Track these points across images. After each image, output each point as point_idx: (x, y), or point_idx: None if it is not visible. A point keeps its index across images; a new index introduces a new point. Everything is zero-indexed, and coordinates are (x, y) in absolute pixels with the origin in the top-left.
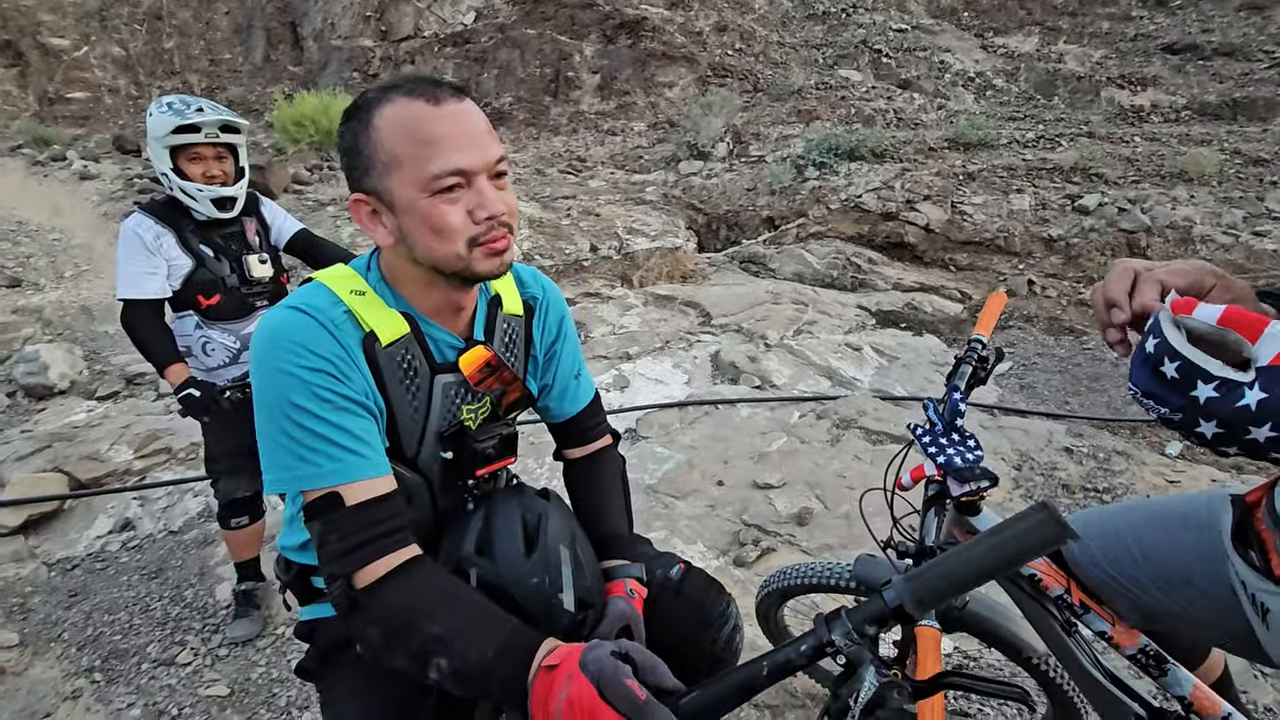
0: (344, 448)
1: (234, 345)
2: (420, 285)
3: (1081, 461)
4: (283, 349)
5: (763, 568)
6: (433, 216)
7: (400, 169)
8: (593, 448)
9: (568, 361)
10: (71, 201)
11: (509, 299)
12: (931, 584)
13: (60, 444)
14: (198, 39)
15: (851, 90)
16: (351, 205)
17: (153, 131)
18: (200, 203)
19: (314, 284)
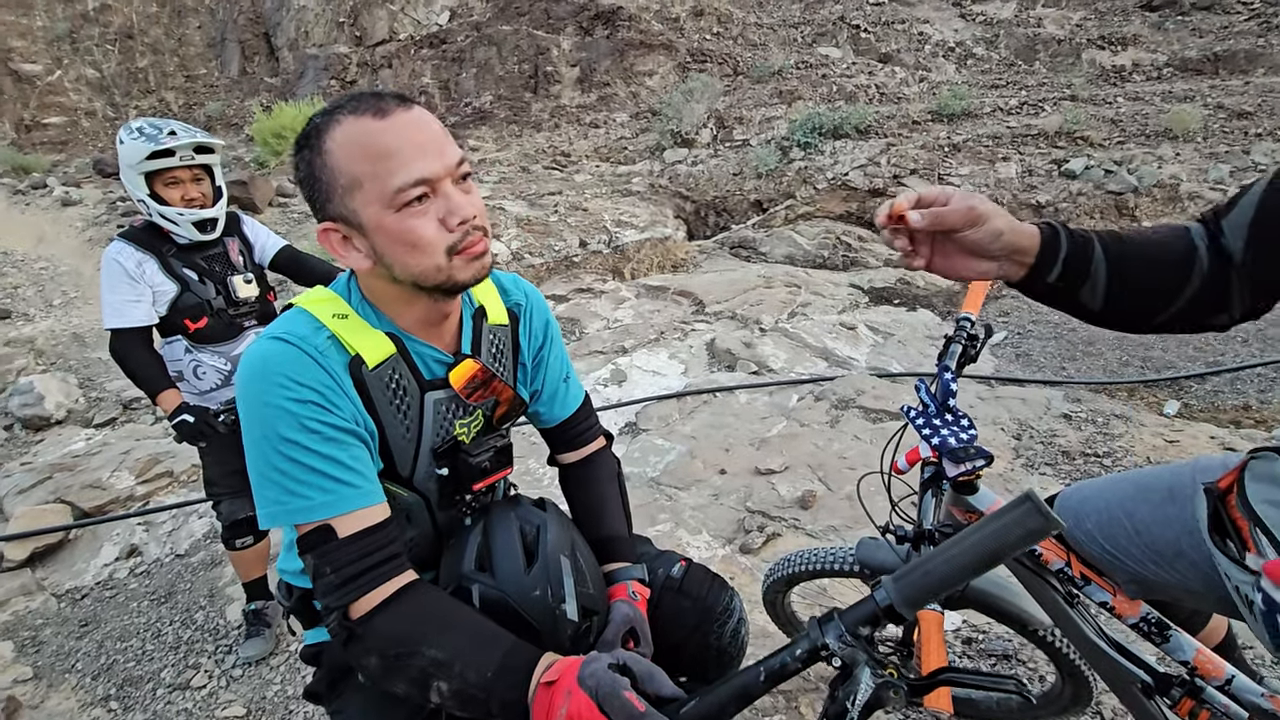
0: (335, 479)
1: (225, 367)
2: (402, 302)
3: (1080, 427)
4: (268, 382)
5: (769, 553)
6: (404, 232)
7: (361, 189)
8: (586, 451)
9: (555, 366)
10: (55, 229)
11: (493, 309)
12: (919, 583)
13: (61, 474)
14: (171, 56)
15: (832, 68)
16: (320, 235)
17: (126, 159)
18: (181, 226)
19: (295, 310)
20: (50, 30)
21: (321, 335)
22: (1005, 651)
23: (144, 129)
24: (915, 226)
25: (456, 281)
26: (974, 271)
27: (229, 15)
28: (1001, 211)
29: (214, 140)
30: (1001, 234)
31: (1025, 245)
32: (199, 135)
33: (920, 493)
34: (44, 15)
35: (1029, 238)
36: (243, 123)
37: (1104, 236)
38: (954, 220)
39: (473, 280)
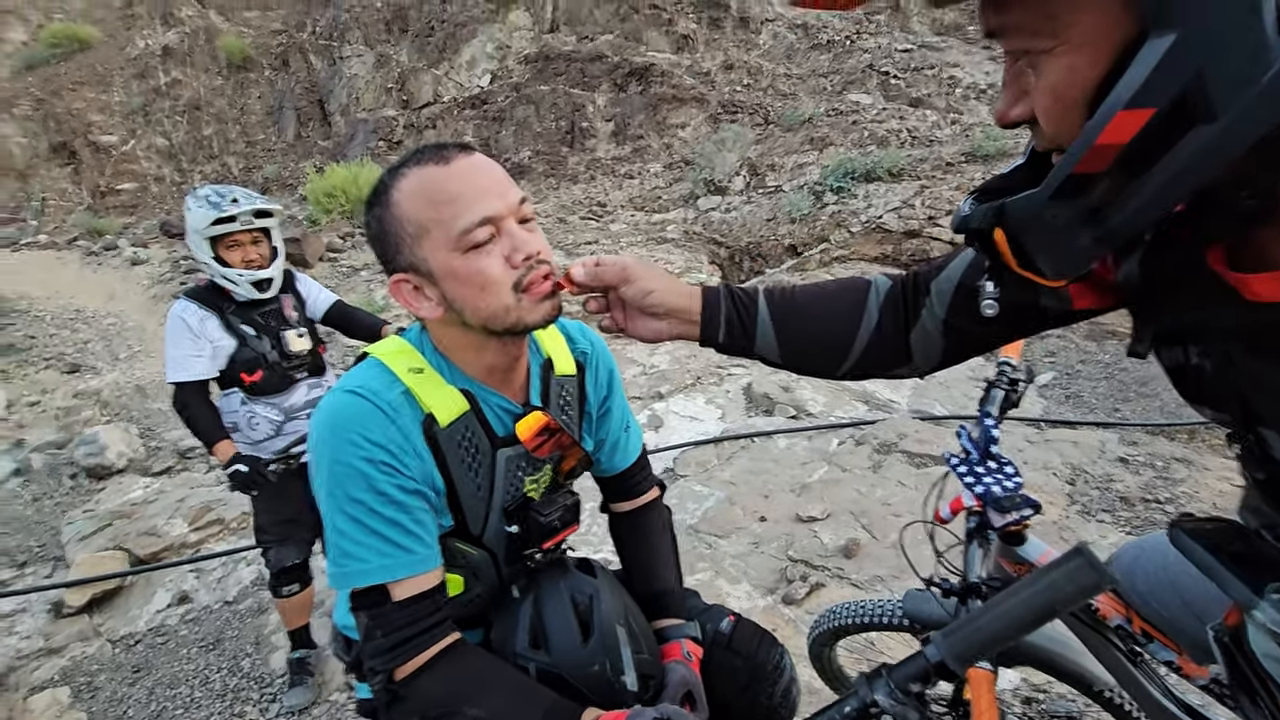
0: (395, 544)
1: (277, 418)
2: (473, 350)
3: (1139, 471)
4: (341, 439)
5: (813, 604)
6: (472, 272)
7: (429, 235)
8: (640, 501)
9: (618, 415)
10: (124, 287)
11: (560, 359)
12: (969, 639)
13: (120, 522)
14: (233, 124)
15: (863, 114)
16: (392, 288)
17: (193, 224)
18: (241, 286)
19: (371, 362)
20: (126, 104)
21: (396, 390)
22: (1069, 713)
23: (210, 197)
24: (576, 280)
25: (526, 323)
26: (649, 330)
27: (287, 85)
28: (659, 274)
29: (273, 205)
30: (651, 293)
31: (684, 306)
32: (259, 201)
33: (966, 543)
34: (121, 91)
35: (687, 298)
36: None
37: (774, 295)
38: (609, 277)
39: (543, 321)
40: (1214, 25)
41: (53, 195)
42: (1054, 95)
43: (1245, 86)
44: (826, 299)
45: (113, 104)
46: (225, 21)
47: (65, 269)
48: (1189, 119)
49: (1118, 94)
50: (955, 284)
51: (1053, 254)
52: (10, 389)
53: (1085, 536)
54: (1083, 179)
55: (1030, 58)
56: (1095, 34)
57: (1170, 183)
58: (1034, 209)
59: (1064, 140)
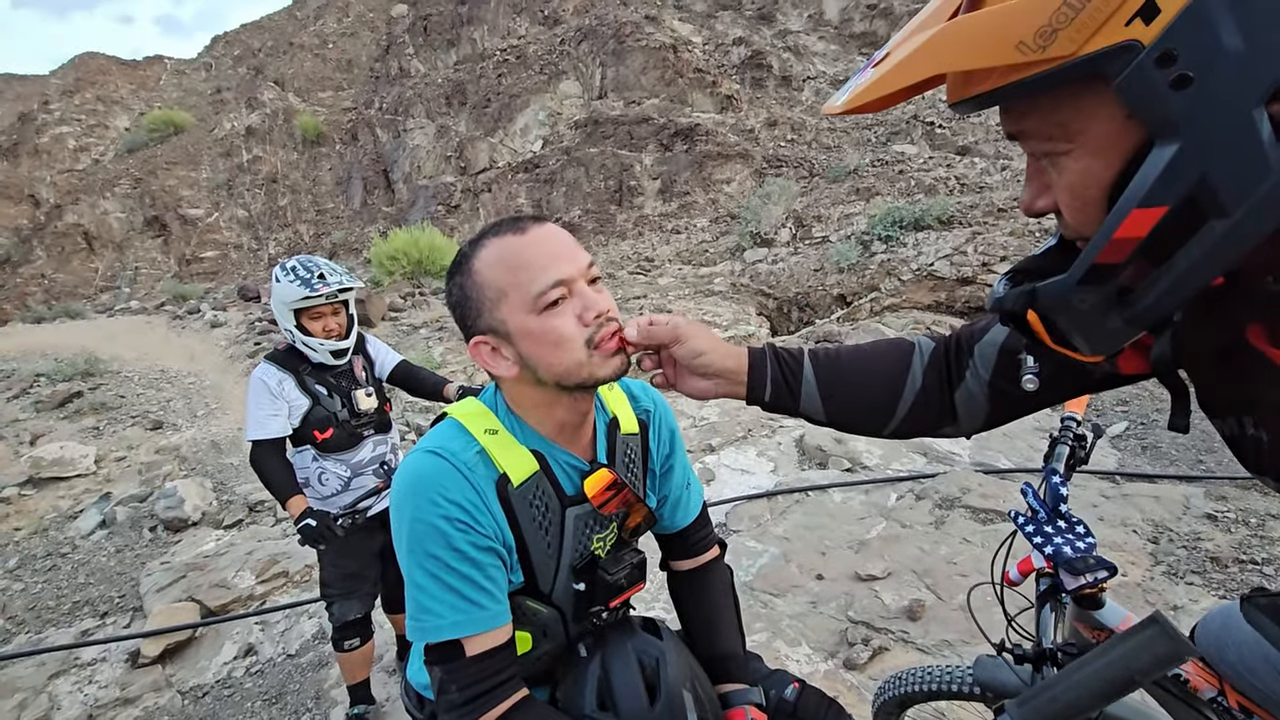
0: (469, 600)
1: (345, 474)
2: (544, 407)
3: (1230, 529)
4: (421, 497)
5: (876, 670)
6: (548, 331)
7: (507, 298)
8: (702, 560)
9: (679, 473)
10: (204, 348)
11: (625, 418)
12: (1044, 710)
13: (193, 574)
14: (306, 194)
15: (908, 163)
16: (472, 350)
17: (280, 296)
18: (320, 354)
19: (450, 423)
20: (212, 180)
21: (472, 450)
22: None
23: (298, 270)
24: (630, 339)
25: (597, 377)
26: (697, 389)
27: (355, 157)
28: (709, 336)
29: (356, 283)
30: (701, 354)
31: (731, 367)
32: (345, 280)
33: (1037, 607)
34: (208, 168)
35: (735, 359)
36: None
37: (818, 356)
38: (661, 336)
39: (613, 375)
40: (1212, 137)
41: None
42: (1072, 193)
43: (1251, 187)
44: (871, 360)
45: (200, 180)
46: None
47: (152, 332)
48: (1201, 214)
49: (1131, 193)
50: (998, 348)
51: (1086, 334)
52: (100, 444)
53: (1173, 600)
54: (1106, 268)
55: (1050, 158)
56: (1106, 140)
57: (1191, 270)
58: (1063, 294)
59: (1086, 231)
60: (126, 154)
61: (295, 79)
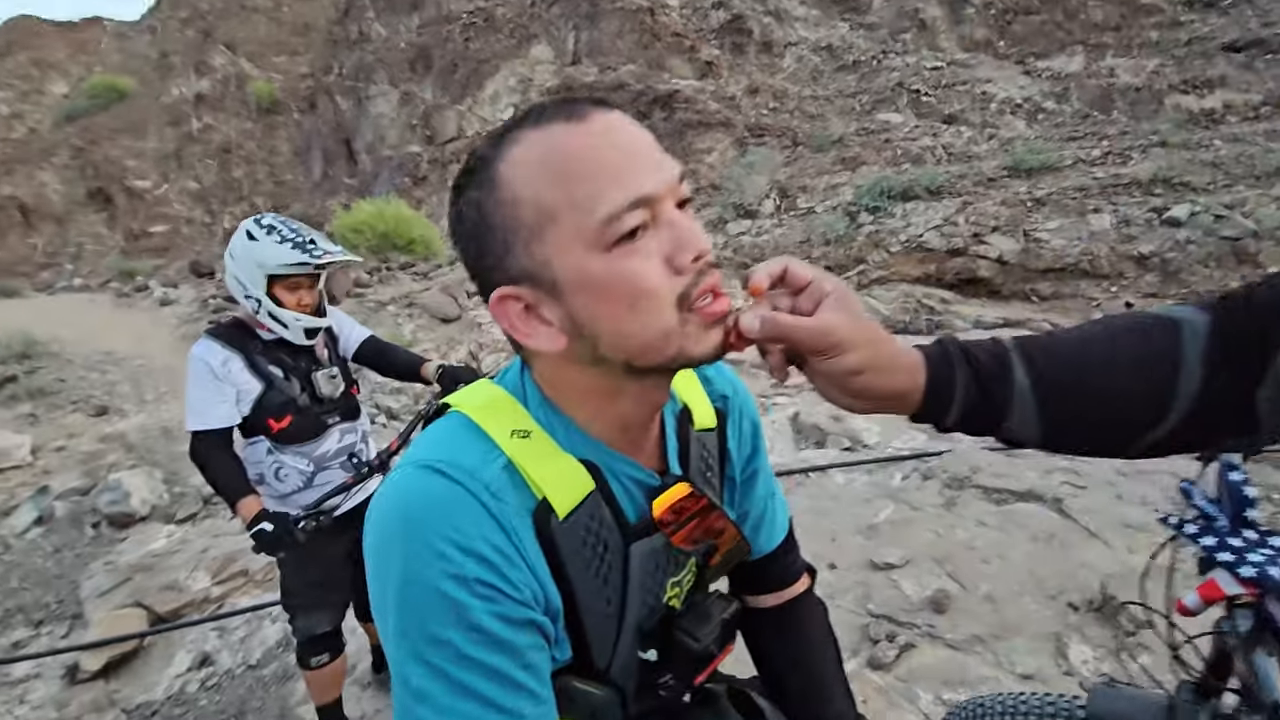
0: (496, 707)
1: (307, 469)
2: (602, 396)
3: None
4: (418, 544)
5: (904, 670)
6: (621, 279)
7: (555, 225)
8: (791, 593)
9: (764, 479)
10: (153, 328)
11: (699, 408)
12: None
13: (140, 575)
14: (262, 165)
15: (894, 132)
16: (494, 307)
17: (256, 257)
18: (293, 331)
19: (456, 421)
20: (160, 150)
21: (495, 464)
22: None
23: (282, 230)
24: (747, 334)
25: (690, 356)
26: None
27: (314, 126)
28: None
29: (352, 258)
30: (858, 375)
31: (901, 389)
32: (341, 250)
33: (1243, 649)
34: (155, 138)
35: (907, 377)
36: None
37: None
38: (802, 340)
39: (711, 355)
40: None
41: (88, 240)
42: None
43: None
44: (1114, 350)
45: (147, 150)
46: (255, 67)
47: (97, 311)
48: None
49: None
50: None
51: None
52: (38, 433)
53: None
54: None
55: None
56: None
57: None
58: None
59: None
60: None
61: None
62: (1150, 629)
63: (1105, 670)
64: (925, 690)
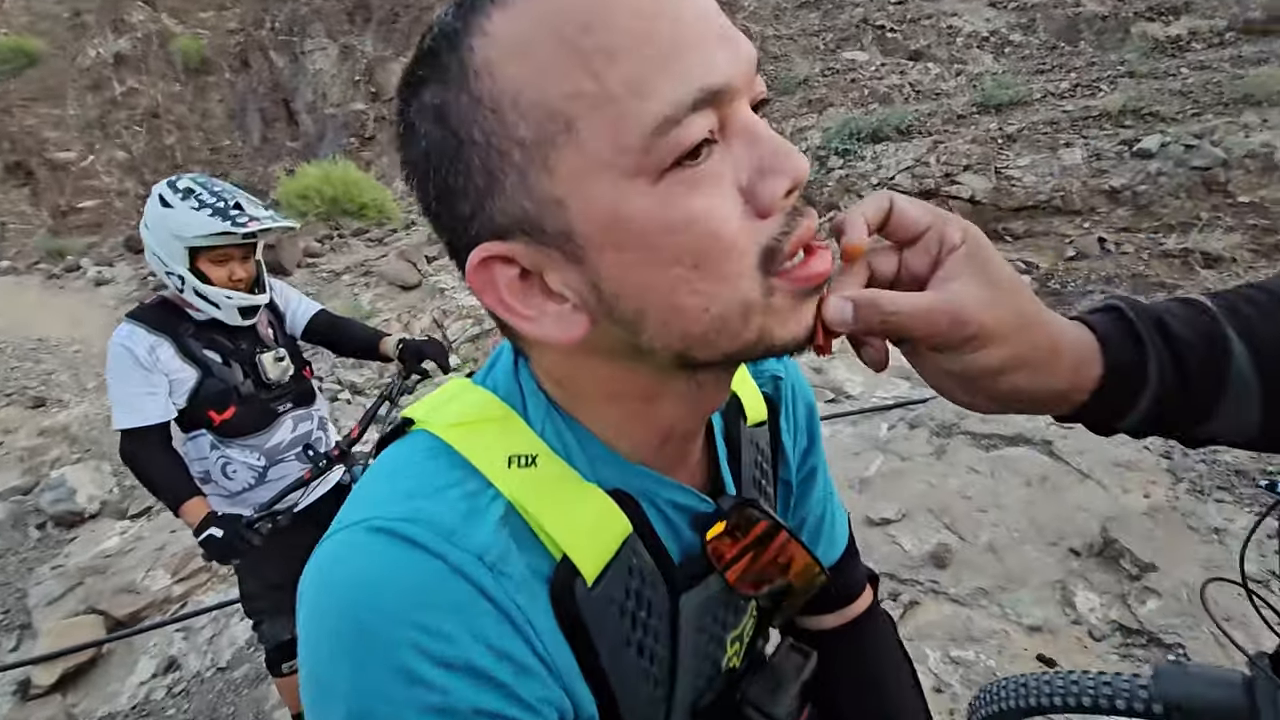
0: None
1: (259, 464)
2: (639, 402)
3: None
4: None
5: (911, 629)
6: (681, 224)
7: (572, 139)
8: (854, 611)
9: (821, 478)
10: (88, 310)
11: (749, 396)
12: None
13: (93, 578)
14: (195, 130)
15: (860, 71)
16: (474, 275)
17: (172, 226)
18: (224, 310)
19: (423, 444)
20: (82, 118)
21: (491, 516)
22: None
23: (202, 195)
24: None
25: (776, 341)
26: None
27: (248, 86)
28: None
29: (288, 223)
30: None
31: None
32: (272, 215)
33: None
34: (75, 104)
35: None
36: (267, 188)
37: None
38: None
39: (804, 339)
40: None
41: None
42: None
43: None
44: None
45: (67, 118)
46: (178, 24)
47: (25, 295)
48: None
49: None
50: None
51: None
52: None
53: (1210, 521)
54: None
55: None
56: None
57: None
58: None
59: None
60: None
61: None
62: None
63: (1114, 618)
64: (933, 649)
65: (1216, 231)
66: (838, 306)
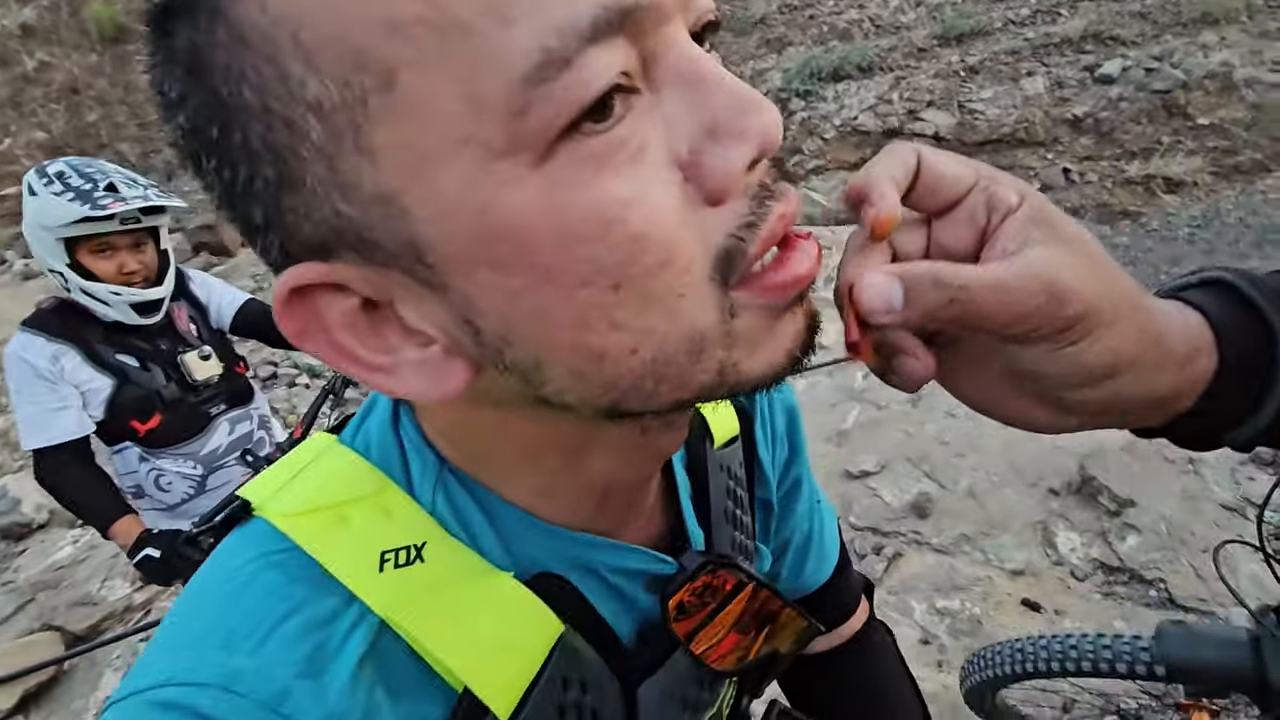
0: None
1: (196, 472)
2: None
3: None
4: None
5: (896, 582)
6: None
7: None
8: (849, 629)
9: (806, 488)
10: (17, 306)
11: (714, 413)
12: None
13: (45, 593)
14: (119, 105)
15: (819, 7)
16: (284, 311)
17: (40, 218)
18: (115, 309)
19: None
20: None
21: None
22: None
23: (69, 179)
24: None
25: (745, 376)
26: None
27: None
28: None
29: (170, 200)
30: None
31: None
32: (151, 193)
33: None
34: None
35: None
36: None
37: None
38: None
39: (786, 367)
40: None
41: None
42: None
43: None
44: None
45: None
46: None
47: None
48: None
49: None
50: None
51: None
52: None
53: None
54: None
55: None
56: None
57: None
58: None
59: None
60: None
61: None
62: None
63: (1095, 556)
64: (919, 600)
65: (1178, 155)
66: (880, 287)
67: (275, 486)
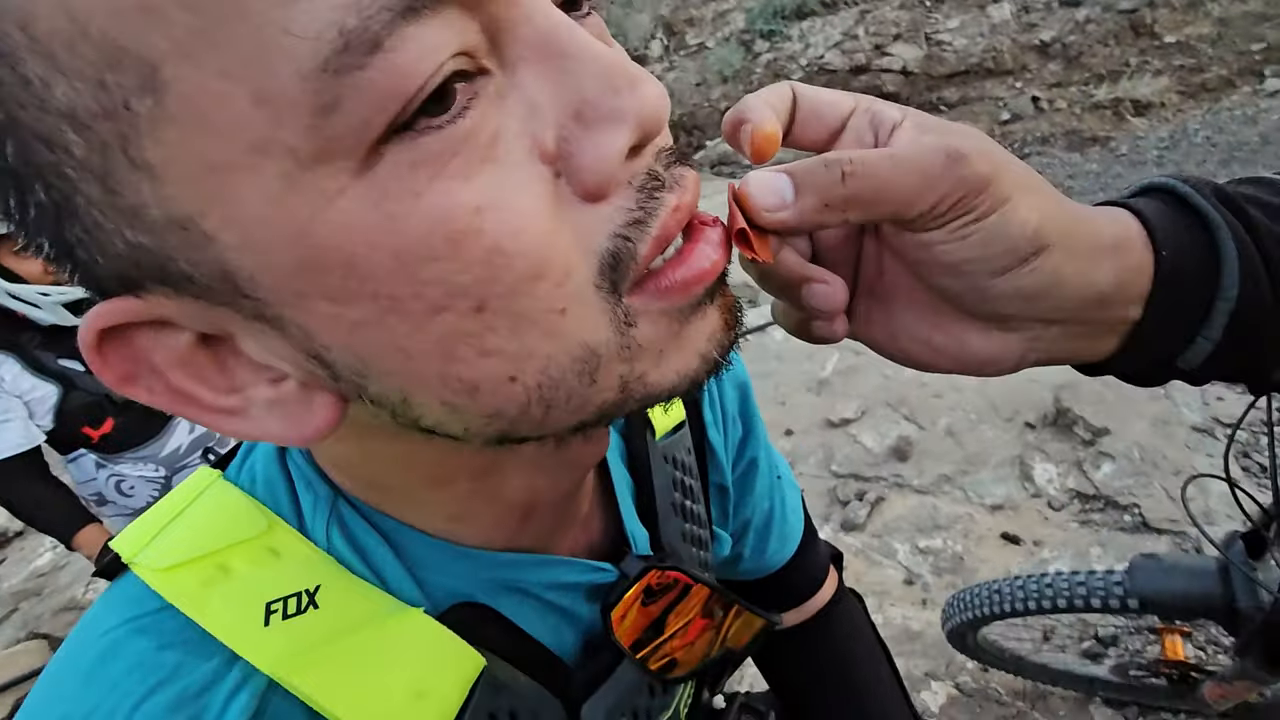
0: None
1: (158, 474)
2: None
3: None
4: None
5: (879, 525)
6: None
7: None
8: (817, 603)
9: (765, 465)
10: None
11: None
12: None
13: (29, 602)
14: None
15: None
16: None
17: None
18: (48, 310)
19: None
20: None
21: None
22: None
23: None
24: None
25: (650, 390)
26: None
27: None
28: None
29: None
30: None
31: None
32: None
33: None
34: None
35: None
36: None
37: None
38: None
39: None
40: None
41: None
42: None
43: None
44: None
45: None
46: None
47: None
48: None
49: None
50: None
51: None
52: None
53: None
54: None
55: None
56: None
57: None
58: None
59: None
60: None
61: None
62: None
63: (1071, 486)
64: (901, 542)
65: (1145, 77)
66: (769, 181)
67: (149, 535)
